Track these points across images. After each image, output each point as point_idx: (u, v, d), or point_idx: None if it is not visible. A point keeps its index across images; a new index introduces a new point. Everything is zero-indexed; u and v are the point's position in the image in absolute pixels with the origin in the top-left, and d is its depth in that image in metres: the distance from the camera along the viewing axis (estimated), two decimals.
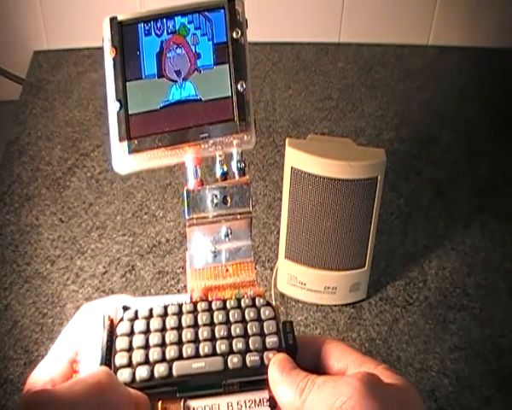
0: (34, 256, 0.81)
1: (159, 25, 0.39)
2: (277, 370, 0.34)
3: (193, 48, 0.39)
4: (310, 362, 0.36)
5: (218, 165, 0.40)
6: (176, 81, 0.39)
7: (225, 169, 0.40)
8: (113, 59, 0.39)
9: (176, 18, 0.39)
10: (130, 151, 0.39)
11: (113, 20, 0.39)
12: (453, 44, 1.19)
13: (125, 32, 0.39)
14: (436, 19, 1.16)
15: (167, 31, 0.39)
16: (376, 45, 1.19)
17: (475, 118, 1.05)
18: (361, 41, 1.19)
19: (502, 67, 1.17)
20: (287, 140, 0.70)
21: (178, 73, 0.39)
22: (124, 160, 0.39)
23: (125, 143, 0.39)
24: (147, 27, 0.39)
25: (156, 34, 0.39)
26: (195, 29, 0.39)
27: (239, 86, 0.39)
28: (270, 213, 0.88)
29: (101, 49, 0.40)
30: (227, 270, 0.39)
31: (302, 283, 0.76)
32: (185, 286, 0.78)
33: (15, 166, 0.93)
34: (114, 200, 0.89)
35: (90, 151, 0.96)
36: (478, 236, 0.86)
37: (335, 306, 0.78)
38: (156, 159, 0.39)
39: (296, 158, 0.68)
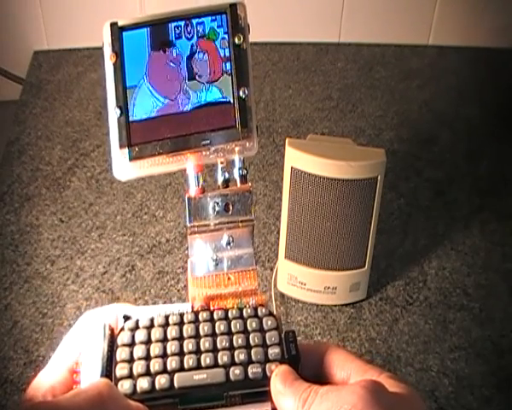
0: (34, 256, 0.81)
1: None
2: (280, 381, 0.34)
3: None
4: (312, 371, 0.36)
5: (219, 172, 0.39)
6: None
7: (227, 176, 0.39)
8: (114, 64, 0.38)
9: (178, 23, 0.39)
10: (131, 158, 0.38)
11: (113, 25, 0.39)
12: (453, 44, 1.19)
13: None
14: (436, 19, 1.16)
15: None
16: (376, 45, 1.19)
17: (475, 118, 1.05)
18: (361, 41, 1.19)
19: (502, 67, 1.17)
20: (287, 140, 0.70)
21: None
22: (124, 167, 0.38)
23: (126, 150, 0.38)
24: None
25: None
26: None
27: (241, 93, 0.39)
28: (270, 213, 0.88)
29: (101, 49, 0.40)
30: (229, 278, 0.39)
31: (302, 283, 0.76)
32: (185, 286, 0.78)
33: (15, 166, 0.93)
34: (114, 200, 0.89)
35: (90, 151, 0.96)
36: (478, 236, 0.86)
37: (335, 306, 0.78)
38: (157, 166, 0.39)
39: (296, 158, 0.68)
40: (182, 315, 0.37)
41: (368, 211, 0.71)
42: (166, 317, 0.37)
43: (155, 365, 0.34)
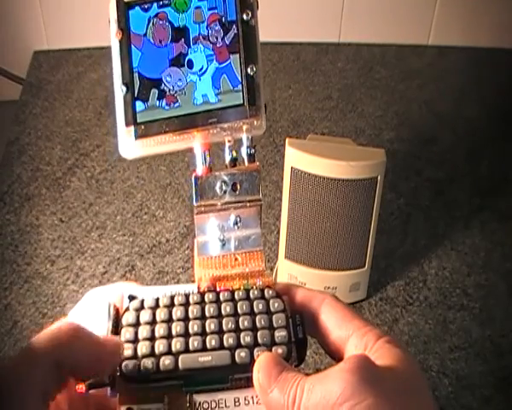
0: (34, 256, 0.81)
1: None
2: (264, 376, 0.33)
3: None
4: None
5: (227, 151, 0.39)
6: None
7: (235, 155, 0.39)
8: (120, 41, 0.38)
9: None
10: (137, 136, 0.38)
11: (119, 1, 0.38)
12: (453, 44, 1.19)
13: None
14: (436, 19, 1.16)
15: None
16: (376, 45, 1.19)
17: (475, 118, 1.05)
18: (361, 41, 1.19)
19: (502, 67, 1.17)
20: (287, 140, 0.70)
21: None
22: (130, 145, 0.38)
23: (132, 128, 0.37)
24: None
25: None
26: (209, 9, 0.38)
27: (249, 70, 0.38)
28: (270, 213, 0.88)
29: (101, 49, 0.40)
30: (236, 259, 0.38)
31: (302, 283, 0.76)
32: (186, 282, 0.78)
33: (15, 166, 0.93)
34: (114, 200, 0.89)
35: (90, 151, 0.96)
36: (478, 236, 0.86)
37: None
38: (163, 144, 0.38)
39: (296, 158, 0.68)
40: (187, 296, 0.36)
41: (368, 211, 0.71)
42: (172, 297, 0.36)
43: (160, 346, 0.34)
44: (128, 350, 0.34)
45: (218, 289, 0.37)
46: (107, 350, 0.34)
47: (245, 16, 0.38)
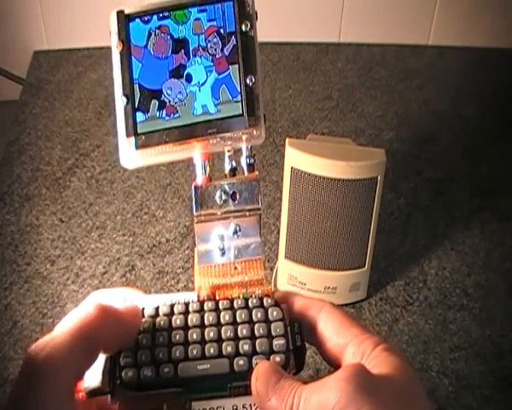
0: (34, 256, 0.81)
1: None
2: (263, 384, 0.33)
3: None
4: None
5: (226, 160, 0.39)
6: None
7: (234, 165, 0.39)
8: (120, 53, 0.38)
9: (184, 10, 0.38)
10: (138, 146, 0.38)
11: (119, 13, 0.38)
12: (453, 44, 1.19)
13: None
14: (436, 19, 1.16)
15: None
16: (376, 45, 1.19)
17: (475, 118, 1.05)
18: (361, 41, 1.19)
19: (501, 67, 1.17)
20: (287, 140, 0.70)
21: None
22: (131, 155, 0.38)
23: (132, 139, 0.38)
24: None
25: None
26: (208, 21, 0.39)
27: (248, 80, 0.38)
28: (270, 213, 0.88)
29: (101, 49, 0.40)
30: (235, 268, 0.38)
31: (302, 283, 0.76)
32: (185, 286, 0.78)
33: (15, 166, 0.93)
34: (114, 200, 0.89)
35: (90, 151, 0.96)
36: (478, 236, 0.86)
37: None
38: (164, 154, 0.38)
39: (296, 158, 0.68)
40: (187, 304, 0.37)
41: (368, 211, 0.71)
42: (172, 306, 0.37)
43: (159, 354, 0.34)
44: (128, 358, 0.34)
45: (217, 298, 0.38)
46: (130, 321, 0.35)
47: (244, 27, 0.38)
